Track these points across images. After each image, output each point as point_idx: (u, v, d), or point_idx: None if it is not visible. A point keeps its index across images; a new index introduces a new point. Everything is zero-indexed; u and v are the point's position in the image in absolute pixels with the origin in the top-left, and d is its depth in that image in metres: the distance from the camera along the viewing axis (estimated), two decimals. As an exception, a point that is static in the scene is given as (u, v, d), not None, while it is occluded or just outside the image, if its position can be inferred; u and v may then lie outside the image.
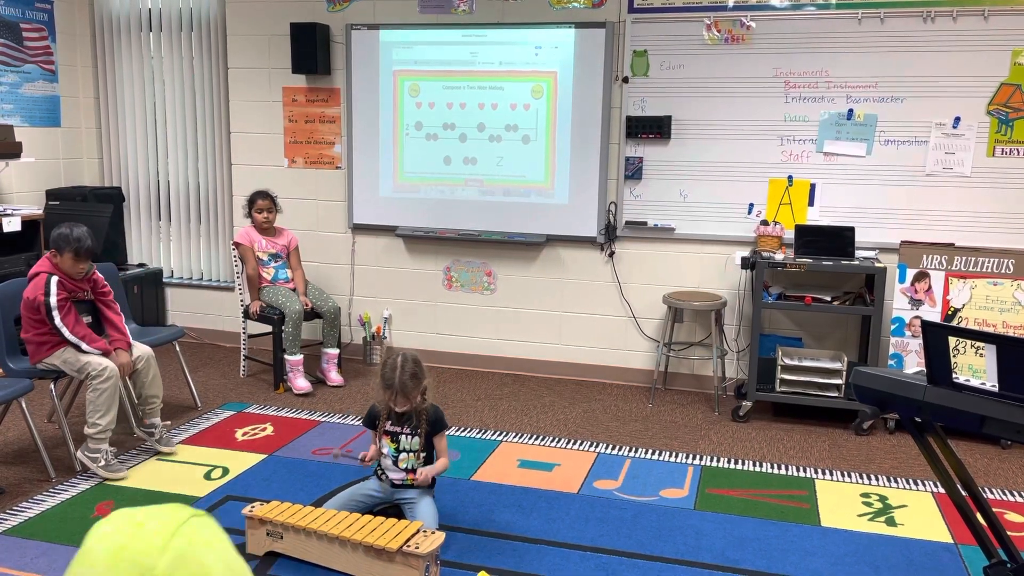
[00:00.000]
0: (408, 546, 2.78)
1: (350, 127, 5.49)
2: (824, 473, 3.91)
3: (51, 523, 3.25)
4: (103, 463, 3.67)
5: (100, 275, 3.93)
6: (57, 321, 3.62)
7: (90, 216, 5.50)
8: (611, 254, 5.22)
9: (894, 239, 4.68)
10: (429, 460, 3.26)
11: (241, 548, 3.04)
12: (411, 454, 3.22)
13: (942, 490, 3.69)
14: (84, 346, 3.68)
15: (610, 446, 4.20)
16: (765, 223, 4.83)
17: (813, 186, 4.83)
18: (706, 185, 4.97)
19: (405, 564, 2.78)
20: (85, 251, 3.68)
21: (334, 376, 5.12)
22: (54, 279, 3.64)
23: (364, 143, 5.49)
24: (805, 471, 3.92)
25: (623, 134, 5.03)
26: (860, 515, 3.47)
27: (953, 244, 4.51)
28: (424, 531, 2.90)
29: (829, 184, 4.81)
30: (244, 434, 4.25)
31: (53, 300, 3.61)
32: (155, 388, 3.96)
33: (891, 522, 3.41)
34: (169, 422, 4.16)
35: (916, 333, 4.43)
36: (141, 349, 3.94)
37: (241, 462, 3.88)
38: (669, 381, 5.24)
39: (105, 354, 3.73)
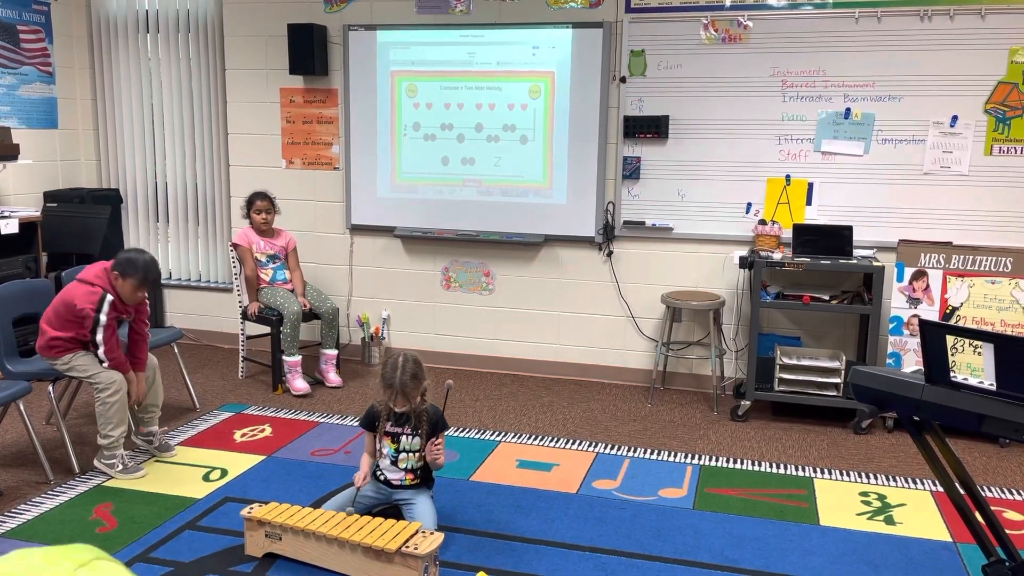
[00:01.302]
0: (407, 547, 2.78)
1: (348, 128, 5.49)
2: (823, 472, 3.91)
3: (50, 525, 3.25)
4: (121, 467, 3.69)
5: (147, 301, 3.90)
6: (99, 337, 3.61)
7: (88, 218, 5.50)
8: (609, 254, 5.22)
9: (892, 238, 4.68)
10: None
11: (240, 550, 3.04)
12: (411, 454, 3.22)
13: (941, 489, 3.69)
14: (108, 364, 3.67)
15: (609, 446, 4.20)
16: (763, 222, 4.83)
17: (811, 185, 4.83)
18: (704, 184, 4.97)
19: (404, 565, 2.78)
20: (151, 283, 3.68)
21: (332, 377, 5.12)
22: (108, 298, 3.60)
23: (362, 144, 5.49)
24: (804, 470, 3.93)
25: (621, 134, 5.03)
26: (859, 514, 3.47)
27: (951, 243, 4.51)
28: (423, 531, 2.90)
29: (827, 183, 4.81)
30: (243, 435, 4.24)
31: (104, 318, 3.59)
32: (155, 398, 3.96)
33: (890, 521, 3.41)
34: (167, 428, 4.16)
35: (914, 332, 4.43)
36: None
37: (240, 463, 3.88)
38: (668, 381, 5.25)
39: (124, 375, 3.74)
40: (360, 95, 5.44)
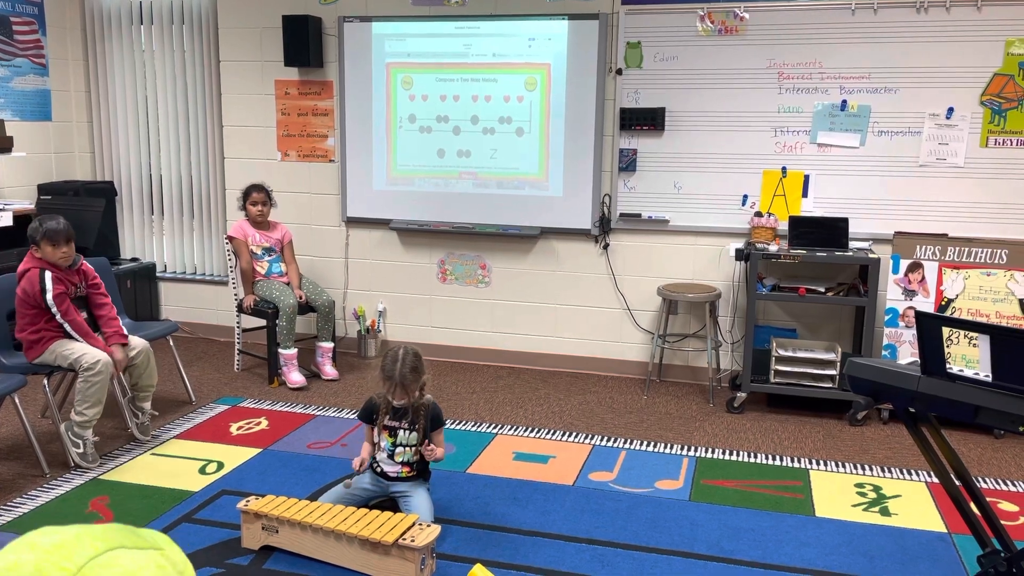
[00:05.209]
0: (404, 539, 2.78)
1: (343, 120, 5.47)
2: (818, 464, 3.92)
3: (45, 518, 3.24)
4: (81, 450, 3.68)
5: (90, 266, 3.92)
6: (58, 316, 3.64)
7: (82, 210, 5.47)
8: (605, 246, 5.22)
9: (888, 230, 4.68)
10: (425, 453, 3.26)
11: (236, 543, 3.04)
12: (407, 448, 3.22)
13: (936, 480, 3.70)
14: (72, 330, 3.70)
15: (605, 438, 4.21)
16: (759, 214, 4.83)
17: (807, 177, 4.83)
18: (700, 177, 4.97)
19: (401, 557, 2.78)
20: (60, 235, 3.66)
21: (328, 370, 5.11)
22: (48, 273, 3.63)
23: (357, 136, 5.47)
24: (799, 462, 3.93)
25: (617, 126, 5.03)
26: (854, 505, 3.48)
27: (946, 235, 4.52)
28: (420, 524, 2.91)
29: (823, 175, 4.81)
30: (239, 428, 4.24)
31: (50, 296, 3.62)
32: (150, 378, 3.99)
33: (885, 512, 3.42)
34: (156, 412, 4.13)
35: (910, 324, 4.44)
36: (138, 342, 3.94)
37: (236, 456, 3.87)
38: (664, 373, 5.25)
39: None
40: (355, 87, 5.42)
